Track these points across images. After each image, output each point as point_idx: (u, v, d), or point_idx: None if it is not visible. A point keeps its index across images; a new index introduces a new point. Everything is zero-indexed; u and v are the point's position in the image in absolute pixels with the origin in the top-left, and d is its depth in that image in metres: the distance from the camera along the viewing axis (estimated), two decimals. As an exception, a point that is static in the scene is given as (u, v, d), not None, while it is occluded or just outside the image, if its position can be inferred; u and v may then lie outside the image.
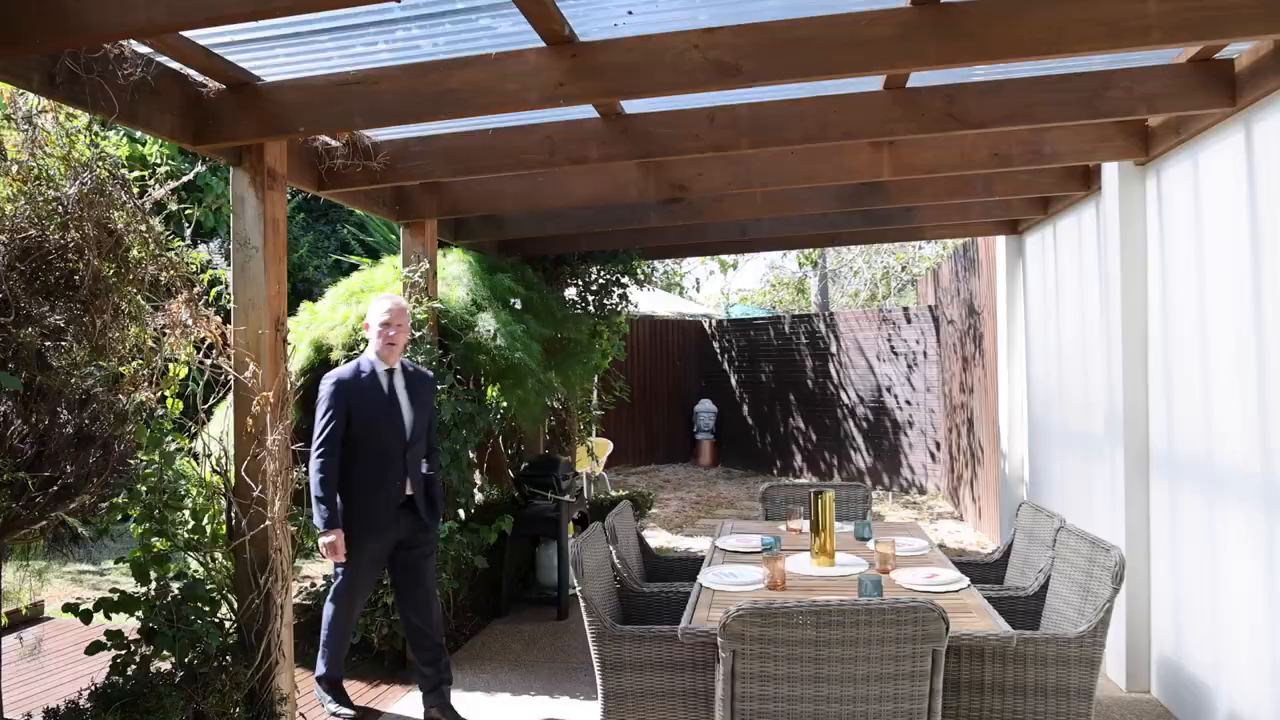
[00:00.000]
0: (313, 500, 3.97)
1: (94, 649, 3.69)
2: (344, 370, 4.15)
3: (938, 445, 11.10)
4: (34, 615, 5.82)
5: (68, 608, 3.71)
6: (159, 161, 7.43)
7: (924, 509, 10.38)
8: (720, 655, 2.75)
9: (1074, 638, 3.32)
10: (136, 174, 3.18)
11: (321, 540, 3.96)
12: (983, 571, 4.58)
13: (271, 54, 3.22)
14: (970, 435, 9.32)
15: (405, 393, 4.17)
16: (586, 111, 3.98)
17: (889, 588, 3.55)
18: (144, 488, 3.69)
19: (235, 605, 3.68)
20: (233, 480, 3.63)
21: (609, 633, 3.61)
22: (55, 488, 3.12)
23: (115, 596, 3.68)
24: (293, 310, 5.80)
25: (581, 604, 3.64)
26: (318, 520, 3.96)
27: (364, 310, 5.30)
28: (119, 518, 3.76)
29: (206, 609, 3.77)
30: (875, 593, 3.39)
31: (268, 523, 3.56)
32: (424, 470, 4.31)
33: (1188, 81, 3.62)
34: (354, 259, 6.89)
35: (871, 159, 4.58)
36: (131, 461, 3.42)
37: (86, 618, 3.64)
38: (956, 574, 3.72)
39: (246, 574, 3.61)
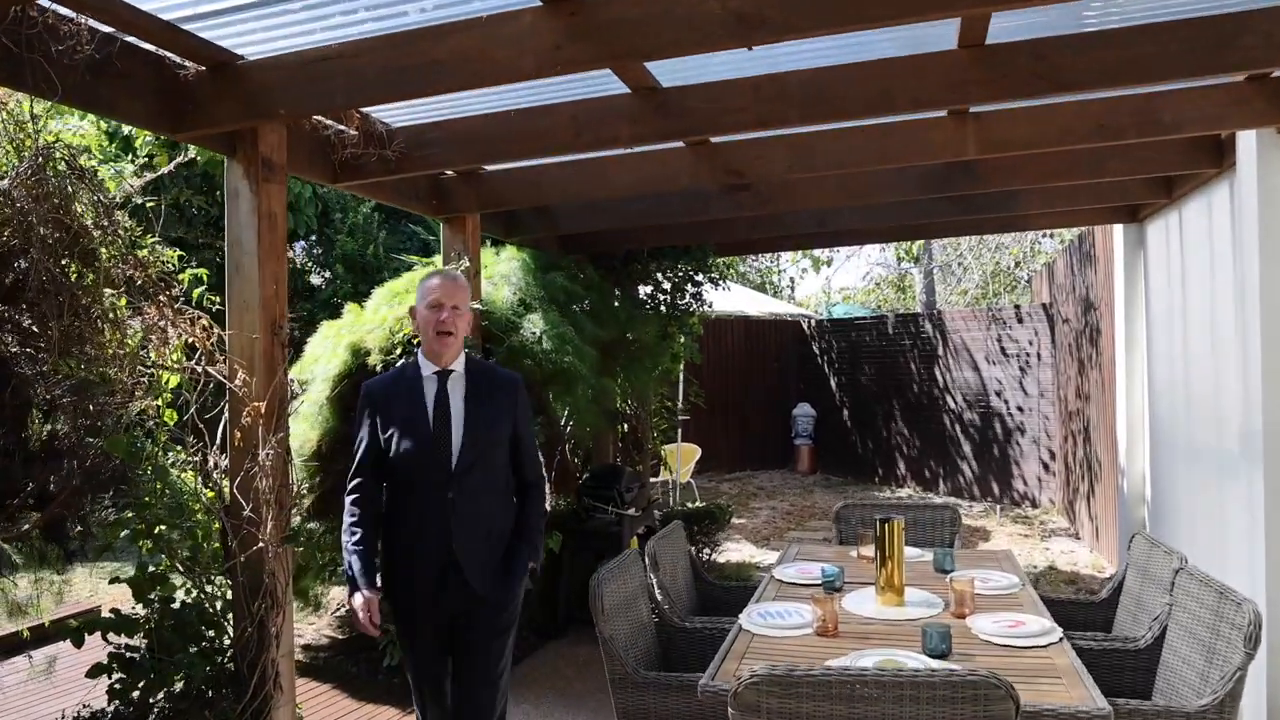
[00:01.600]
0: None
1: (94, 672, 3.48)
2: (382, 376, 3.17)
3: (1052, 455, 10.18)
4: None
5: (67, 629, 3.51)
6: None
7: (1036, 524, 9.51)
8: (732, 729, 2.27)
9: (1194, 712, 2.70)
10: (108, 165, 2.88)
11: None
12: (1087, 613, 3.92)
13: (246, 28, 2.89)
14: (1087, 445, 8.45)
15: (464, 403, 2.98)
16: (617, 87, 3.54)
17: (961, 638, 2.98)
18: (150, 500, 3.47)
19: (232, 632, 3.39)
20: (227, 498, 3.35)
21: (630, 678, 3.17)
22: (15, 501, 2.89)
23: (113, 616, 3.48)
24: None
25: (601, 646, 3.21)
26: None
27: (403, 311, 5.00)
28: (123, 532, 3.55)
29: (211, 632, 3.52)
30: (941, 646, 2.83)
31: (260, 544, 3.25)
32: (502, 514, 3.07)
33: (1346, 22, 2.91)
34: (413, 259, 6.65)
35: (954, 134, 3.97)
36: (110, 475, 3.18)
37: (79, 640, 3.42)
38: (1047, 623, 3.11)
39: (240, 598, 3.32)
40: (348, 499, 3.00)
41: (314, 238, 9.93)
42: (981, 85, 3.22)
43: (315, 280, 10.31)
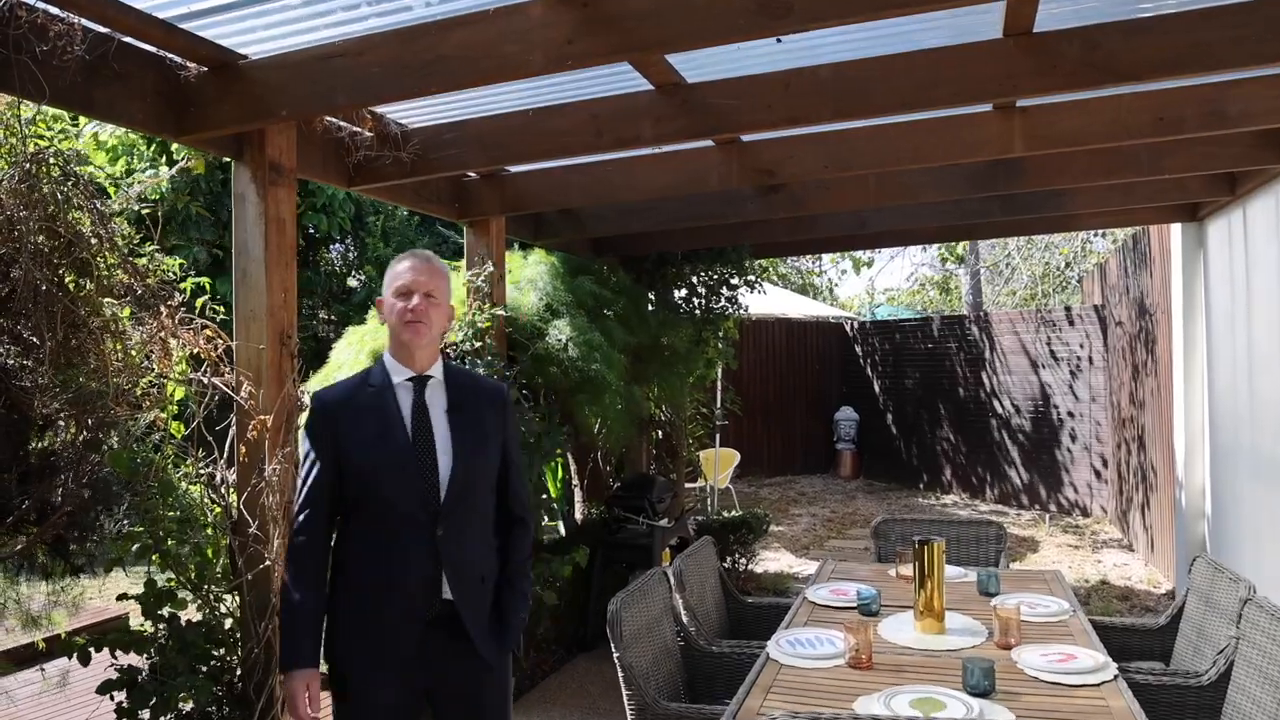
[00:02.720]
0: None
1: (104, 689, 3.39)
2: (337, 385, 2.53)
3: (1104, 462, 9.80)
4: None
5: (74, 645, 3.43)
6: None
7: (1086, 535, 9.16)
8: (750, 779, 2.09)
9: (1264, 761, 2.45)
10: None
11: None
12: (1143, 641, 3.67)
13: (246, 26, 2.77)
14: (1141, 453, 8.09)
15: (446, 418, 2.41)
16: (640, 84, 3.37)
17: (1006, 673, 2.76)
18: (160, 513, 3.38)
19: (240, 653, 3.28)
20: (234, 513, 3.24)
21: (650, 709, 2.99)
22: (10, 519, 2.80)
23: (122, 633, 3.39)
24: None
25: (620, 674, 3.04)
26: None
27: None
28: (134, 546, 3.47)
29: (221, 651, 3.42)
30: (984, 684, 2.62)
31: (266, 563, 3.13)
32: (493, 559, 2.51)
33: None
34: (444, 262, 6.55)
35: (999, 130, 3.74)
36: (115, 489, 3.08)
37: (85, 658, 3.34)
38: (1100, 656, 2.87)
39: (247, 618, 3.20)
40: (293, 546, 2.38)
41: (349, 240, 9.90)
42: (1029, 77, 3.00)
43: (353, 283, 10.29)
